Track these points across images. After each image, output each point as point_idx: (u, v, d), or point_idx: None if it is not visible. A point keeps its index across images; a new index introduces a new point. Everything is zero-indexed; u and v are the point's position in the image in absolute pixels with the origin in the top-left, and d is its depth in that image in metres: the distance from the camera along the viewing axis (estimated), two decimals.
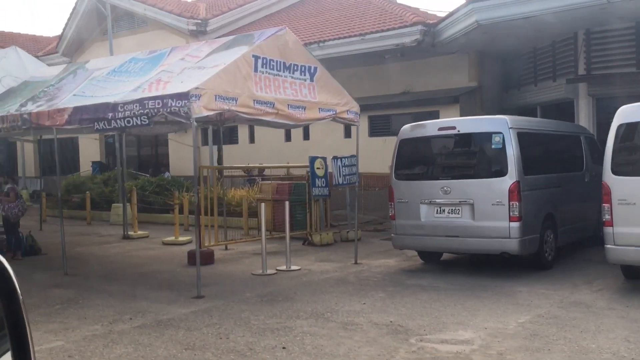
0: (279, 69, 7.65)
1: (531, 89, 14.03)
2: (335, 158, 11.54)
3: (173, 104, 6.76)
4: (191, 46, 8.66)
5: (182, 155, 19.92)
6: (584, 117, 12.10)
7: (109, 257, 10.03)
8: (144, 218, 14.51)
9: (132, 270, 8.67)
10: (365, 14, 15.76)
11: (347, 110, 8.51)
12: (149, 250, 10.59)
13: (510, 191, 6.97)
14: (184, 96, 6.64)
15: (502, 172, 7.10)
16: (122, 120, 7.31)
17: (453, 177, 7.55)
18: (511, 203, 6.95)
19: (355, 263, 8.68)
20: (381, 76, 15.62)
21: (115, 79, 8.72)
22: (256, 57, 7.35)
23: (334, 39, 14.38)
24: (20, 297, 1.54)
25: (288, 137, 17.46)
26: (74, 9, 20.80)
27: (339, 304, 6.16)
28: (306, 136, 17.10)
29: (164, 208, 15.18)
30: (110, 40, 15.90)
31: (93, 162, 20.88)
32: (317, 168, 11.21)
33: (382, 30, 13.49)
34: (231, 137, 18.47)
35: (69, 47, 22.15)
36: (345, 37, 14.11)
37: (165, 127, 11.50)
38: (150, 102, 7.00)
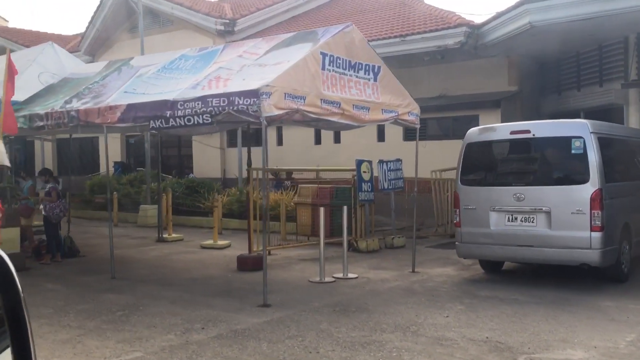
0: (344, 67, 7.33)
1: (574, 94, 13.67)
2: (381, 162, 11.22)
3: (240, 102, 6.44)
4: (246, 43, 8.34)
5: (206, 157, 19.62)
6: (635, 124, 11.74)
7: (150, 261, 9.69)
8: (173, 220, 14.18)
9: (182, 275, 8.32)
10: (400, 15, 15.44)
11: (409, 112, 8.18)
12: (189, 254, 10.24)
13: (592, 199, 6.60)
14: (253, 94, 6.31)
15: (583, 179, 6.74)
16: (182, 118, 6.99)
17: (527, 184, 7.19)
18: (593, 212, 6.59)
19: (413, 272, 8.32)
20: (416, 79, 15.25)
21: (166, 76, 8.41)
22: (324, 55, 7.02)
23: (373, 39, 14.05)
24: (21, 292, 1.50)
25: (318, 140, 17.12)
26: (99, 6, 20.54)
27: (420, 317, 5.80)
28: (337, 139, 16.75)
29: (193, 210, 14.85)
30: (142, 38, 15.65)
31: (115, 163, 20.56)
32: (364, 172, 10.86)
33: (425, 32, 13.16)
34: (257, 139, 18.13)
35: (91, 46, 21.89)
36: (385, 38, 13.78)
37: (205, 128, 11.16)
38: (214, 99, 6.68)
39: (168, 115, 7.10)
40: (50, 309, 6.30)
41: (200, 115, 6.83)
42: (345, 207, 8.47)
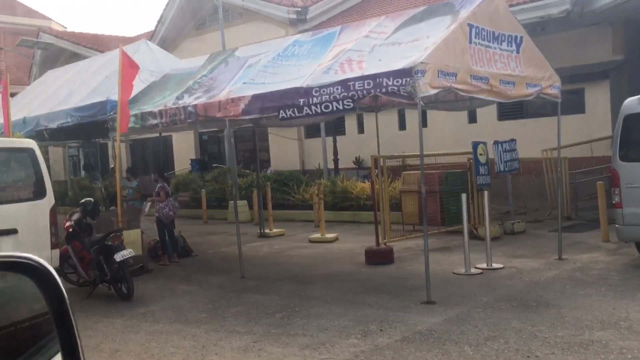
0: (489, 39, 6.71)
1: None
2: (496, 143, 10.54)
3: (390, 83, 5.93)
4: (367, 23, 7.81)
5: (284, 150, 19.30)
6: None
7: (268, 257, 9.36)
8: (264, 215, 13.90)
9: (312, 272, 7.93)
10: None
11: (551, 85, 7.49)
12: (302, 249, 9.88)
13: None
14: (405, 73, 5.79)
15: None
16: (317, 105, 6.56)
17: None
18: None
19: (560, 259, 7.65)
20: None
21: (284, 63, 8.00)
22: (471, 27, 6.42)
23: None
24: (67, 300, 1.54)
25: (402, 126, 16.49)
26: (168, 4, 20.48)
27: (620, 310, 5.17)
28: (424, 123, 16.01)
29: (282, 203, 14.53)
30: (222, 31, 15.37)
31: (192, 160, 20.55)
32: (480, 154, 10.21)
33: (526, 2, 12.29)
34: (337, 127, 17.66)
35: (160, 44, 21.87)
36: None
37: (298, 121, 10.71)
38: (357, 83, 6.20)
39: (301, 103, 6.69)
40: (203, 314, 6.01)
41: (341, 101, 6.37)
42: (486, 193, 7.86)
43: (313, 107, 6.63)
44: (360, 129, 17.42)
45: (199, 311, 6.11)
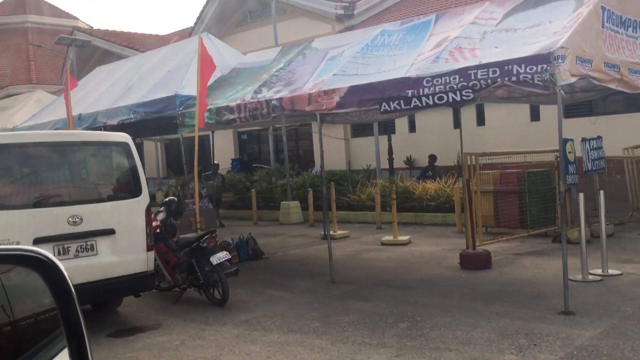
0: (617, 24, 6.15)
1: None
2: (584, 140, 9.93)
3: (521, 71, 5.38)
4: (469, 10, 7.26)
5: (329, 149, 18.71)
6: None
7: (346, 260, 8.83)
8: (317, 217, 13.42)
9: (405, 277, 7.39)
10: None
11: None
12: (379, 252, 9.35)
13: None
14: (541, 59, 5.24)
15: None
16: (429, 97, 6.04)
17: None
18: None
19: None
20: None
21: (375, 54, 7.50)
22: (603, 9, 5.87)
23: None
24: (75, 296, 1.53)
25: (457, 124, 15.83)
26: (208, 1, 20.12)
27: None
28: (480, 121, 15.49)
29: (337, 204, 14.01)
30: (274, 24, 14.93)
31: (233, 160, 20.14)
32: (569, 152, 9.61)
33: None
34: (386, 126, 17.12)
35: None
36: None
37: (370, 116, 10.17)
38: (479, 71, 5.66)
39: (409, 94, 6.17)
40: (315, 322, 5.50)
41: (458, 92, 5.84)
42: (601, 193, 7.27)
43: (423, 99, 6.10)
44: (412, 128, 16.87)
45: (308, 319, 5.60)
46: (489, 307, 5.65)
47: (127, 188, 5.75)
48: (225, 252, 6.26)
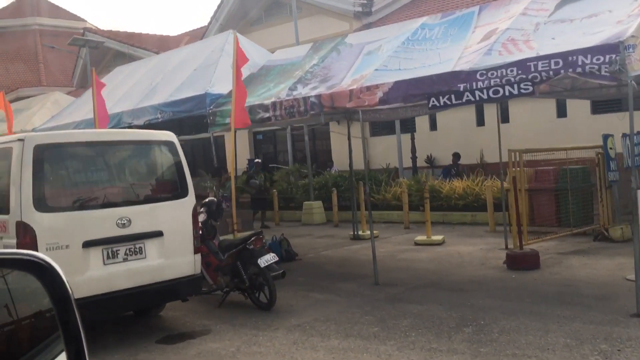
0: None
1: None
2: (625, 135, 9.68)
3: (587, 62, 5.15)
4: (517, 2, 7.02)
5: (346, 148, 18.52)
6: None
7: (382, 261, 8.59)
8: (344, 217, 13.19)
9: (450, 278, 7.16)
10: None
11: None
12: (414, 252, 9.11)
13: None
14: (609, 49, 5.00)
15: None
16: (483, 91, 5.82)
17: None
18: None
19: None
20: None
21: (417, 48, 7.27)
22: None
23: None
24: (73, 300, 1.52)
25: (481, 121, 15.63)
26: (222, 0, 19.93)
27: None
28: (504, 118, 15.16)
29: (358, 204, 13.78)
30: (295, 21, 14.70)
31: (249, 160, 19.90)
32: (610, 148, 9.39)
33: None
34: (405, 125, 16.89)
35: None
36: None
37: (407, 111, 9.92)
38: (540, 63, 5.44)
39: (462, 89, 5.94)
40: (373, 326, 5.27)
41: (516, 85, 5.61)
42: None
43: (477, 93, 5.87)
44: (433, 126, 16.61)
45: (364, 324, 5.37)
46: (553, 309, 5.41)
47: (174, 188, 5.53)
48: (272, 254, 6.03)
